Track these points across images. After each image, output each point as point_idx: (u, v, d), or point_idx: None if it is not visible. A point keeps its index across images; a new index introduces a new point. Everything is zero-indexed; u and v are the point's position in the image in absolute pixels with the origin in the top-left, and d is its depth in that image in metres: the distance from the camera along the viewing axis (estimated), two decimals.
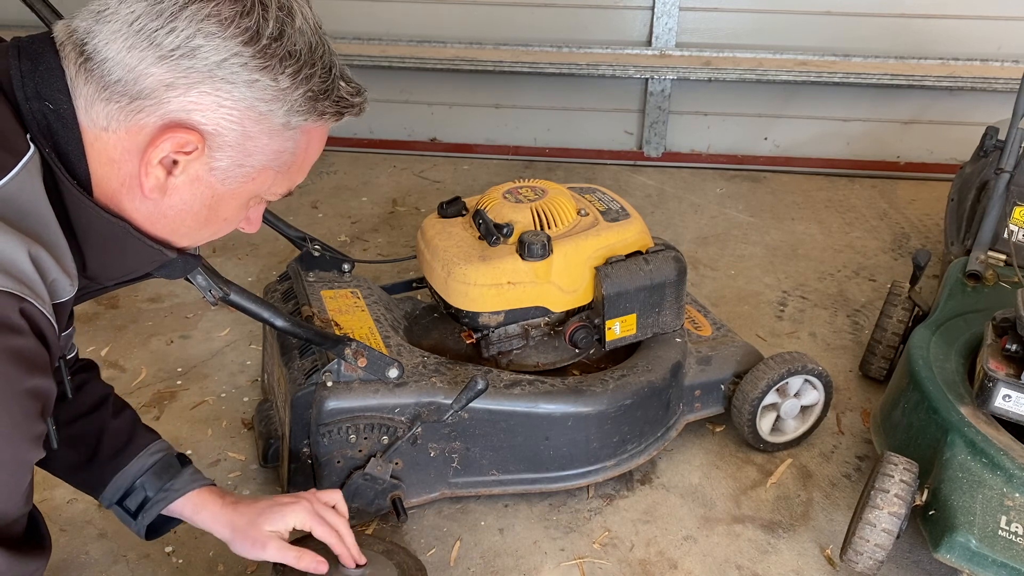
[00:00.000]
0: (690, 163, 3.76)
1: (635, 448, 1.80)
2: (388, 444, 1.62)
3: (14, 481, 0.90)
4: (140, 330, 2.40)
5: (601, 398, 1.71)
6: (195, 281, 1.32)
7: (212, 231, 1.06)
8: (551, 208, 1.79)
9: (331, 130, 1.07)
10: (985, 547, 1.42)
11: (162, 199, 0.97)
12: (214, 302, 1.35)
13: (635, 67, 3.51)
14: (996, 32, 3.43)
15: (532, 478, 1.74)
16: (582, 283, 1.76)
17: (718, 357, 1.94)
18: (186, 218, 1.01)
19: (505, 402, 1.67)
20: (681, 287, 1.80)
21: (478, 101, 3.85)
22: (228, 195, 1.00)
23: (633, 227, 1.82)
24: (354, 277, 1.94)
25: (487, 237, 1.73)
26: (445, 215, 1.86)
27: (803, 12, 3.49)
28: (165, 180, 0.95)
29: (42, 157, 0.91)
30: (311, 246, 1.90)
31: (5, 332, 0.83)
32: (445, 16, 3.71)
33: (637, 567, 1.65)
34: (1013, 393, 1.54)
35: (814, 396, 1.94)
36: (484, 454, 1.70)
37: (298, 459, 1.61)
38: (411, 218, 3.19)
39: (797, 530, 1.75)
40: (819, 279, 2.77)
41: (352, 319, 1.77)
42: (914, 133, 3.67)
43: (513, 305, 1.74)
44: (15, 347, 0.85)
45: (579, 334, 1.79)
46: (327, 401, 1.57)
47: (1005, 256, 2.13)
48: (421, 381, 1.64)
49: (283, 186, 1.05)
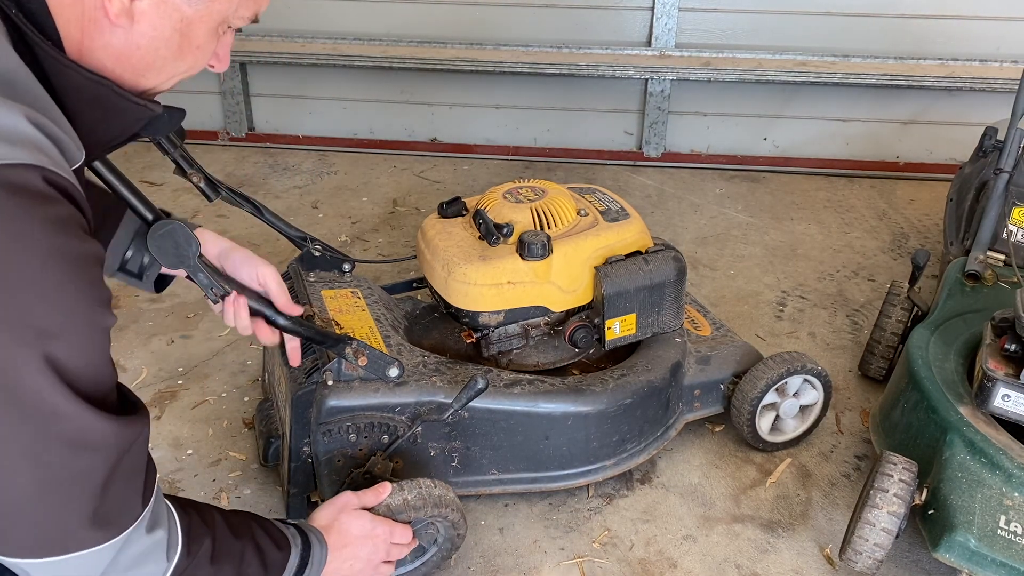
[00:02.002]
0: (690, 163, 3.76)
1: (635, 447, 1.81)
2: (388, 443, 1.62)
3: (99, 349, 0.90)
4: (141, 330, 2.40)
5: (601, 397, 1.72)
6: (197, 279, 1.32)
7: (188, 63, 1.03)
8: (551, 208, 1.79)
9: (331, 131, 1.06)
10: (984, 546, 1.43)
11: (131, 27, 0.94)
12: (216, 300, 1.35)
13: (635, 67, 3.52)
14: (995, 32, 3.44)
15: (532, 477, 1.75)
16: (582, 283, 1.77)
17: (717, 357, 1.95)
18: (159, 47, 0.97)
19: (505, 401, 1.67)
20: (681, 287, 1.80)
21: (478, 101, 3.85)
22: (196, 18, 0.98)
23: (633, 227, 1.82)
24: (354, 277, 1.95)
25: (487, 237, 1.74)
26: (445, 215, 1.86)
27: (803, 12, 3.50)
28: (131, 4, 0.93)
29: (6, 20, 0.87)
30: (312, 246, 1.90)
31: (39, 202, 0.82)
32: (445, 16, 3.71)
33: (637, 566, 1.66)
34: (1012, 393, 1.54)
35: (813, 396, 1.94)
36: (484, 453, 1.71)
37: (299, 458, 1.61)
38: (411, 218, 3.19)
39: (796, 529, 1.75)
40: (818, 279, 2.77)
41: (353, 319, 1.77)
42: (913, 133, 3.68)
43: (513, 305, 1.74)
44: (53, 216, 0.83)
45: (579, 333, 1.79)
46: (328, 400, 1.57)
47: (1004, 256, 2.14)
48: (421, 380, 1.65)
49: (249, 8, 1.03)
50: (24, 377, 0.82)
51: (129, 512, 0.97)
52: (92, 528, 0.93)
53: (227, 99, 3.90)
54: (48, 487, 0.89)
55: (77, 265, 0.85)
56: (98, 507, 0.92)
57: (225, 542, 1.13)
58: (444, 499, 1.52)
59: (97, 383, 0.90)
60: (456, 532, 1.58)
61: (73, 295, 0.85)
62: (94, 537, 0.93)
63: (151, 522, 1.01)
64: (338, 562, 1.34)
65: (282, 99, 3.96)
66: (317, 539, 1.31)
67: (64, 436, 0.87)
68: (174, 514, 1.08)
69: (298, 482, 1.63)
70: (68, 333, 0.85)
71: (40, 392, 0.83)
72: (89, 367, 0.88)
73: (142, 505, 0.99)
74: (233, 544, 1.14)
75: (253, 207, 1.82)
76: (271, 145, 3.89)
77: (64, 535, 0.92)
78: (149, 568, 1.02)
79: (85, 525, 0.92)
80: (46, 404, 0.84)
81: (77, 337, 0.86)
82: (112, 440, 0.92)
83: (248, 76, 3.92)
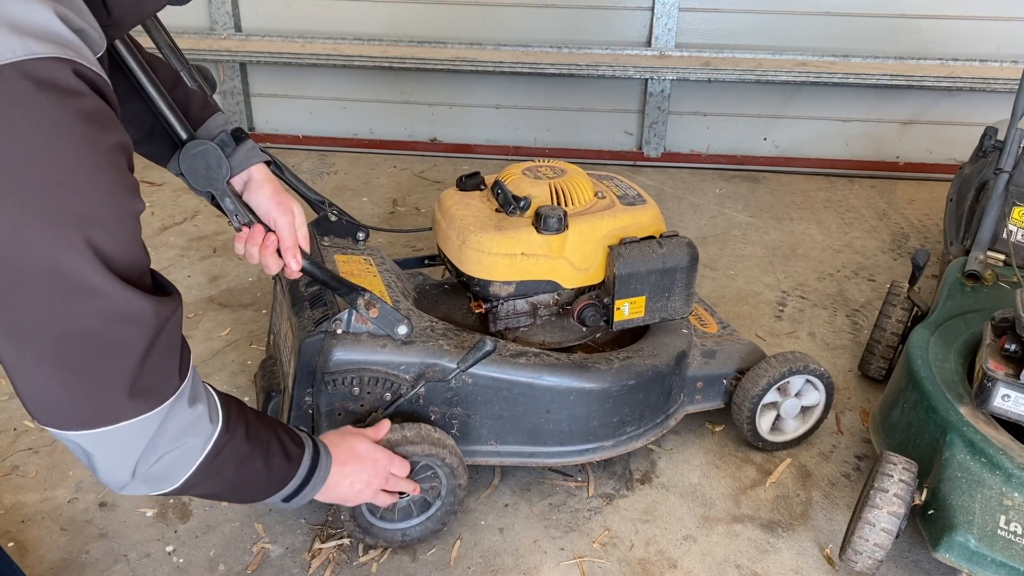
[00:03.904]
0: (689, 163, 3.76)
1: (634, 431, 1.81)
2: (391, 401, 1.63)
3: (132, 234, 0.94)
4: None
5: (605, 375, 1.72)
6: (223, 204, 1.34)
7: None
8: (569, 187, 1.80)
9: (331, 131, 1.06)
10: (984, 546, 1.43)
11: None
12: (239, 227, 1.37)
13: (635, 67, 3.51)
14: (995, 32, 3.44)
15: (530, 452, 1.75)
16: (594, 261, 1.77)
17: (722, 352, 1.95)
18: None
19: (510, 371, 1.68)
20: (692, 274, 1.81)
21: (478, 101, 3.85)
22: None
23: (648, 212, 1.83)
24: (368, 246, 1.95)
25: (504, 207, 1.75)
26: (464, 188, 1.88)
27: (803, 12, 3.50)
28: None
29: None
30: (329, 210, 1.90)
31: (70, 96, 0.84)
32: (445, 16, 3.71)
33: (637, 566, 1.66)
34: (1012, 393, 1.54)
35: (815, 397, 1.94)
36: (484, 422, 1.71)
37: (300, 407, 1.61)
38: (411, 218, 3.19)
39: (796, 529, 1.75)
40: (818, 279, 2.77)
41: (364, 282, 1.77)
42: (913, 133, 3.68)
43: (525, 276, 1.75)
44: (84, 108, 0.85)
45: (587, 312, 1.79)
46: (335, 350, 1.57)
47: (1004, 256, 2.14)
48: (428, 342, 1.65)
49: None
50: (66, 259, 0.87)
51: (168, 384, 1.03)
52: (135, 399, 0.99)
53: (227, 99, 3.90)
54: (90, 361, 0.94)
55: (108, 155, 0.89)
56: (137, 378, 0.98)
57: (256, 428, 1.21)
58: (442, 441, 1.57)
59: (132, 265, 0.94)
60: (457, 482, 1.61)
61: (107, 184, 0.89)
62: (137, 407, 1.00)
63: (192, 396, 1.08)
64: (340, 476, 1.40)
65: (282, 99, 3.96)
66: (324, 449, 1.39)
67: (104, 311, 0.92)
68: (213, 394, 1.16)
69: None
70: (105, 219, 0.89)
71: (82, 272, 0.88)
72: (125, 249, 0.93)
73: (180, 379, 1.05)
74: (262, 431, 1.23)
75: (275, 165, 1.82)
76: (271, 145, 3.89)
77: (108, 406, 0.98)
78: (193, 439, 1.09)
79: (127, 396, 0.98)
80: (87, 283, 0.89)
81: (113, 222, 0.90)
82: (149, 316, 0.96)
83: (248, 76, 3.92)
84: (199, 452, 1.10)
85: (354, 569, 1.64)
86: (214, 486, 1.17)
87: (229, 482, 1.18)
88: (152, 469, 1.05)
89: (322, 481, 1.36)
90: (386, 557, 1.66)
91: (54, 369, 0.93)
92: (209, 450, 1.11)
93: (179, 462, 1.09)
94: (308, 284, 1.73)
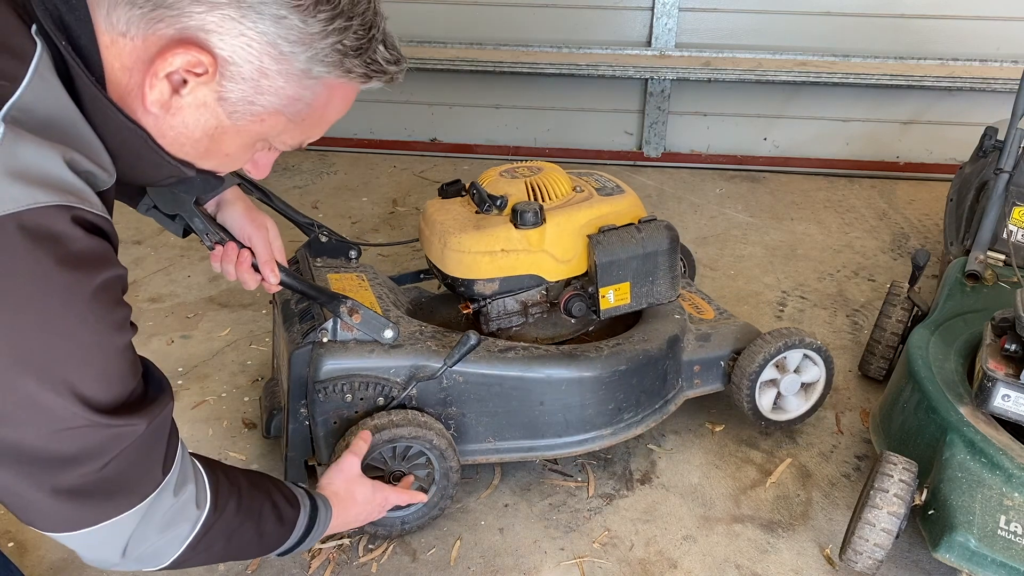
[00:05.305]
0: (690, 163, 3.76)
1: (632, 418, 1.82)
2: (383, 405, 1.64)
3: (119, 368, 0.94)
4: (141, 330, 2.40)
5: (595, 363, 1.73)
6: (192, 224, 1.35)
7: (213, 163, 1.02)
8: (546, 183, 1.82)
9: (331, 131, 1.06)
10: (984, 547, 1.42)
11: (164, 116, 0.93)
12: (211, 246, 1.38)
13: (635, 67, 3.52)
14: (995, 32, 3.44)
15: (529, 445, 1.76)
16: (575, 252, 1.78)
17: (717, 334, 1.96)
18: (184, 143, 0.96)
19: (500, 365, 1.69)
20: (674, 256, 1.81)
21: (478, 101, 3.85)
22: (233, 130, 0.96)
23: (626, 200, 1.85)
24: (360, 264, 1.96)
25: (480, 205, 1.77)
26: (445, 195, 1.90)
27: (803, 12, 3.50)
28: (170, 98, 0.91)
29: (54, 51, 0.87)
30: (319, 232, 1.93)
31: (61, 243, 0.84)
32: (445, 16, 3.71)
33: (637, 567, 1.66)
34: (1012, 393, 1.54)
35: (815, 372, 1.94)
36: (480, 420, 1.72)
37: (296, 419, 1.63)
38: (411, 218, 3.19)
39: (796, 530, 1.75)
40: (818, 279, 2.77)
41: (356, 296, 1.79)
42: (913, 133, 3.68)
43: (507, 272, 1.76)
44: (74, 252, 0.85)
45: (574, 302, 1.80)
46: (323, 359, 1.59)
47: (1004, 256, 2.14)
48: (416, 344, 1.67)
49: (295, 137, 1.02)
50: (48, 401, 0.87)
51: (150, 481, 1.02)
52: (113, 499, 0.98)
53: None
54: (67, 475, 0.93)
55: (95, 298, 0.88)
56: (118, 482, 0.97)
57: (247, 498, 1.20)
58: (428, 424, 1.60)
59: (119, 393, 0.94)
60: (448, 464, 1.63)
61: (94, 325, 0.89)
62: (117, 507, 0.99)
63: (178, 483, 1.07)
64: (339, 524, 1.45)
65: None
66: (323, 503, 1.39)
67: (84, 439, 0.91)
68: (202, 472, 1.13)
69: (296, 445, 1.66)
70: (89, 363, 0.90)
71: (64, 410, 0.88)
72: (112, 384, 0.93)
73: (163, 473, 1.04)
74: (254, 500, 1.22)
75: (262, 194, 1.84)
76: None
77: (87, 511, 0.97)
78: (180, 525, 1.09)
79: (106, 499, 0.98)
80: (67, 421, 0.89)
81: (98, 364, 0.91)
82: (131, 431, 0.95)
83: None
84: (186, 536, 1.10)
85: (354, 569, 1.64)
86: (206, 559, 1.17)
87: (220, 553, 1.18)
88: (141, 552, 1.05)
89: (320, 533, 1.38)
90: (386, 557, 1.66)
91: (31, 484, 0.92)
92: (196, 532, 1.11)
93: (167, 546, 1.09)
94: (299, 301, 1.76)
